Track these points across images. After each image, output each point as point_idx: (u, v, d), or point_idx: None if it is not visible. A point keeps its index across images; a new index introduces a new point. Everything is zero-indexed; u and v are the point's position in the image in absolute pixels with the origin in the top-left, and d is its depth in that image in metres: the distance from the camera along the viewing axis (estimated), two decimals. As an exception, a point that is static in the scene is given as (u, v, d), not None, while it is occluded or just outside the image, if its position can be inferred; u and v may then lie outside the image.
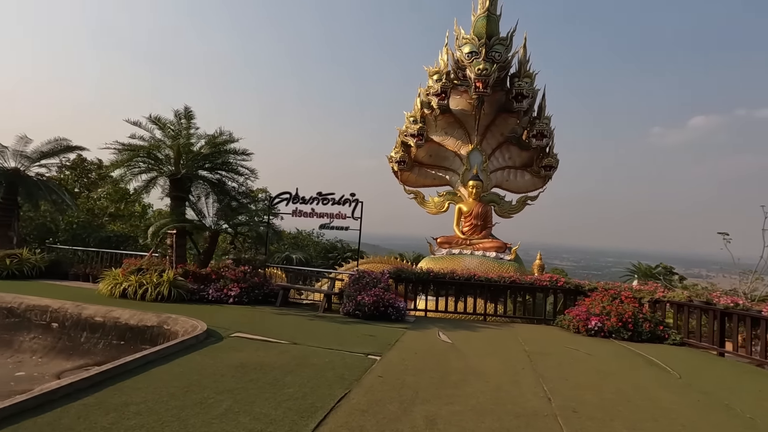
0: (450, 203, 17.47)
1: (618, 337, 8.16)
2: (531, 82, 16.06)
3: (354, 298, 8.69)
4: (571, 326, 8.62)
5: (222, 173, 9.95)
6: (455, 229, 16.79)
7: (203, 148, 9.56)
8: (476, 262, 15.06)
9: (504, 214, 17.54)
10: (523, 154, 17.47)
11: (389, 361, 5.93)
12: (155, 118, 9.45)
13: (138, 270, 9.09)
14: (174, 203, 9.66)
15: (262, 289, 9.53)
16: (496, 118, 17.11)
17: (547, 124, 16.46)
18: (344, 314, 8.85)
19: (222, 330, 6.68)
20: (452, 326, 8.67)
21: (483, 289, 9.58)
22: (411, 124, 17.13)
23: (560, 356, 6.86)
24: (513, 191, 17.99)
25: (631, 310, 8.23)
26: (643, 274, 20.39)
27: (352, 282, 9.02)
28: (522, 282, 9.42)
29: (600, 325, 8.25)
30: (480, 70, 15.03)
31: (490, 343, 7.49)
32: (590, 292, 9.07)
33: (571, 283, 9.36)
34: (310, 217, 10.16)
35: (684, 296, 8.08)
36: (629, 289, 8.69)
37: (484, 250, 15.71)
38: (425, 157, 18.02)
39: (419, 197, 18.09)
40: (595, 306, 8.55)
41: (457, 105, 16.85)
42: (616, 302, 8.54)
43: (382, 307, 8.59)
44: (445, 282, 9.66)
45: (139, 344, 6.51)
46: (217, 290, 9.17)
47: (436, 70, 16.59)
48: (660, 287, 8.70)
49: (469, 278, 9.58)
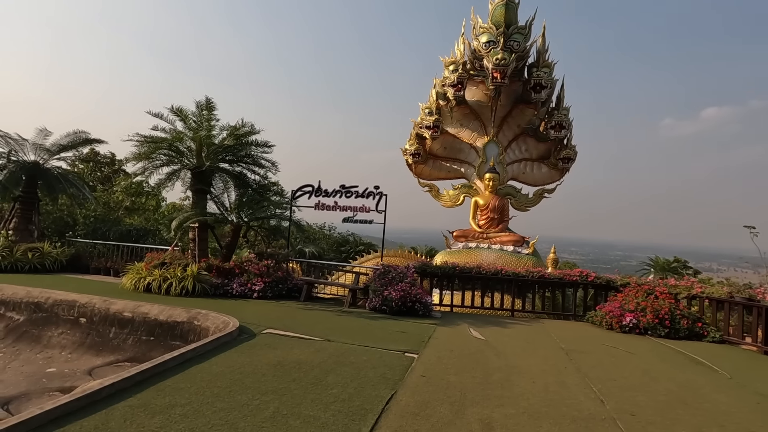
0: (465, 196, 17.17)
1: (654, 334, 7.90)
2: (550, 72, 15.65)
3: (380, 293, 8.47)
4: (603, 322, 8.36)
5: (244, 165, 9.71)
6: (471, 222, 16.52)
7: (225, 139, 9.30)
8: (494, 256, 14.80)
9: (521, 207, 17.23)
10: (540, 146, 17.11)
11: (427, 359, 5.71)
12: (177, 109, 9.19)
13: (161, 264, 8.91)
14: (196, 196, 9.43)
15: (285, 283, 9.33)
16: (513, 110, 16.74)
17: (565, 115, 16.06)
18: (370, 309, 8.64)
19: (253, 326, 6.48)
20: (481, 322, 8.45)
21: (510, 284, 9.34)
22: (426, 115, 16.80)
23: (600, 354, 6.62)
24: (530, 184, 17.65)
25: (668, 306, 7.95)
26: (660, 268, 20.03)
27: (378, 276, 8.80)
28: (551, 277, 9.16)
29: (635, 322, 7.99)
30: (498, 59, 14.65)
31: (524, 340, 7.25)
32: (622, 287, 8.80)
33: (602, 278, 9.08)
34: (333, 211, 9.93)
35: (724, 292, 7.79)
36: (664, 284, 8.41)
37: (502, 243, 15.44)
38: (440, 149, 17.70)
39: (434, 190, 17.81)
40: (629, 302, 8.28)
41: (473, 96, 16.49)
42: (650, 298, 8.27)
43: (409, 302, 8.36)
44: (471, 277, 9.41)
45: (169, 340, 6.34)
46: (241, 285, 8.98)
47: (452, 60, 16.21)
48: (696, 282, 8.41)
49: (496, 273, 9.33)
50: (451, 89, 15.94)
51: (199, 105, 9.43)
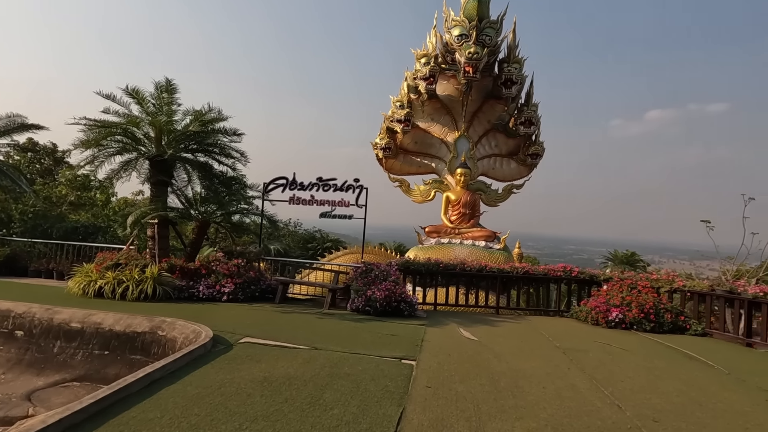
0: (436, 191, 16.84)
1: (640, 328, 7.79)
2: (520, 67, 15.56)
3: (363, 292, 7.84)
4: (589, 318, 8.18)
5: (210, 155, 8.69)
6: (443, 218, 16.20)
7: (189, 126, 8.27)
8: (466, 251, 14.56)
9: (490, 202, 17.11)
10: (509, 141, 17.04)
11: (427, 366, 5.16)
12: (132, 90, 8.00)
13: (115, 265, 7.80)
14: (155, 189, 8.34)
15: (258, 284, 8.48)
16: (483, 105, 16.54)
17: (534, 111, 16.06)
18: (352, 310, 7.99)
19: (228, 335, 5.67)
20: (468, 321, 8.02)
21: (494, 280, 9.00)
22: (397, 108, 16.26)
23: (597, 353, 6.35)
24: (499, 179, 17.56)
25: (652, 300, 7.87)
26: (619, 261, 20.65)
27: (360, 275, 8.16)
28: (535, 272, 8.90)
29: (621, 317, 7.85)
30: (471, 53, 14.35)
31: (517, 339, 6.88)
32: (605, 282, 8.68)
33: (586, 273, 8.93)
34: (309, 205, 9.16)
35: (705, 285, 7.81)
36: (646, 278, 8.36)
37: (474, 239, 15.23)
38: (411, 144, 17.24)
39: (404, 185, 17.34)
40: (614, 297, 8.14)
41: (444, 90, 16.12)
42: (634, 292, 8.17)
43: (394, 302, 7.80)
44: (455, 273, 8.99)
45: (128, 354, 5.40)
46: (209, 287, 8.03)
47: (424, 53, 15.75)
48: (677, 276, 8.43)
49: (480, 269, 8.95)
50: (422, 82, 15.49)
51: (158, 86, 8.31)
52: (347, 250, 18.40)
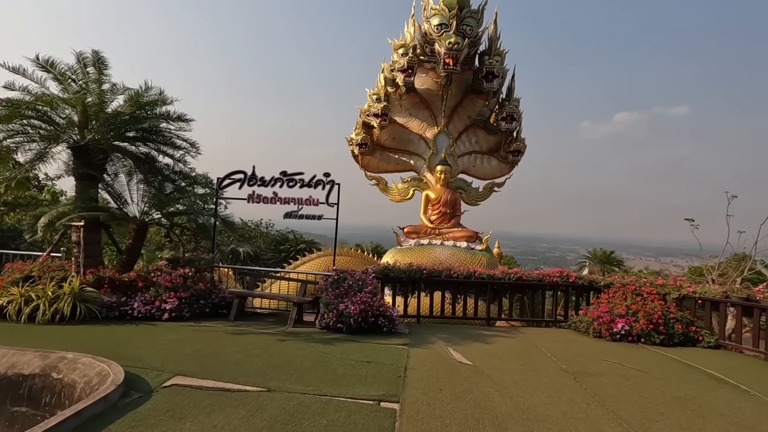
0: (415, 190, 15.60)
1: (648, 341, 6.74)
2: (501, 60, 14.46)
3: (335, 306, 6.48)
4: (590, 330, 7.08)
5: (152, 145, 7.11)
6: (422, 217, 14.98)
7: (122, 107, 6.67)
8: (447, 252, 13.40)
9: (471, 201, 16.00)
10: (490, 138, 15.97)
11: (414, 411, 3.85)
12: (46, 61, 6.34)
13: (26, 278, 6.18)
14: (80, 184, 6.68)
15: (209, 298, 6.99)
16: (464, 100, 15.40)
17: (516, 107, 15.01)
18: (321, 328, 6.62)
19: (152, 374, 4.19)
20: (457, 336, 6.77)
21: (484, 287, 7.80)
22: (374, 102, 14.94)
23: (612, 377, 5.19)
24: (480, 177, 16.47)
25: (660, 309, 6.83)
26: (598, 260, 19.94)
27: (331, 286, 6.80)
28: (529, 278, 7.75)
29: (627, 328, 6.78)
30: (451, 43, 13.15)
31: (516, 362, 5.66)
32: (605, 288, 7.62)
33: (584, 278, 7.84)
34: (272, 203, 7.70)
35: (717, 292, 6.83)
36: (651, 284, 7.34)
37: (455, 239, 14.07)
38: (388, 140, 15.94)
39: (382, 183, 16.02)
40: (618, 305, 7.07)
41: (422, 84, 14.89)
42: (639, 300, 7.13)
43: (371, 317, 6.47)
44: (441, 281, 7.74)
45: (9, 406, 3.87)
46: (146, 303, 6.47)
47: (401, 43, 14.48)
48: (684, 280, 7.46)
49: (468, 276, 7.73)
50: (400, 74, 14.20)
51: (81, 59, 6.66)
52: (321, 252, 16.98)
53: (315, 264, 16.51)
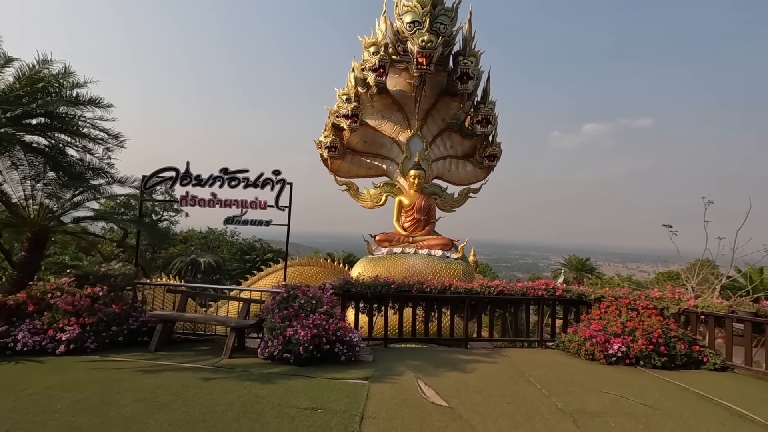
0: (388, 196, 14.41)
1: (648, 364, 5.69)
2: (476, 61, 13.55)
3: (281, 332, 5.17)
4: (582, 351, 5.99)
5: (58, 135, 5.66)
6: (395, 224, 13.80)
7: (15, 86, 5.22)
8: (422, 262, 12.28)
9: (446, 207, 14.93)
10: (465, 142, 15.00)
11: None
12: None
13: None
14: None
15: (125, 323, 5.55)
16: (438, 102, 14.40)
17: (491, 109, 14.12)
18: (265, 358, 5.28)
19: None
20: (431, 364, 5.53)
21: (461, 303, 6.61)
22: (344, 103, 13.76)
23: (617, 417, 4.05)
24: (455, 183, 15.46)
25: (659, 326, 5.81)
26: (574, 267, 19.17)
27: (278, 306, 5.48)
28: (512, 292, 6.61)
29: (624, 350, 5.71)
30: (424, 42, 12.14)
31: (501, 397, 4.47)
32: (596, 302, 6.58)
33: (572, 291, 6.77)
34: (210, 206, 6.29)
35: (722, 306, 5.87)
36: (646, 297, 6.34)
37: (429, 248, 12.93)
38: (359, 143, 14.76)
39: (353, 189, 14.77)
40: (613, 322, 6.01)
41: (395, 85, 13.83)
42: (633, 315, 6.10)
43: (326, 343, 5.19)
44: (412, 296, 6.52)
45: None
46: (35, 332, 4.96)
47: (372, 41, 13.38)
48: (683, 292, 6.50)
49: (443, 289, 6.54)
50: (371, 74, 13.09)
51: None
52: (289, 262, 15.53)
53: (278, 276, 15.05)
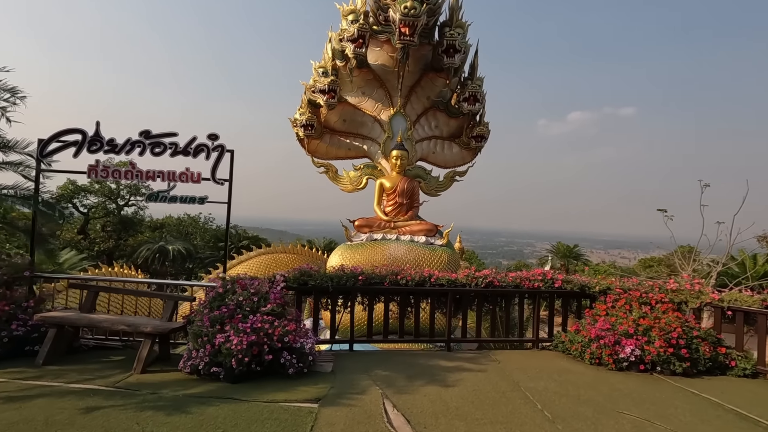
0: (369, 178, 13.12)
1: (666, 370, 4.59)
2: (464, 33, 12.18)
3: (209, 339, 3.92)
4: (587, 354, 4.86)
5: None
6: (376, 209, 12.54)
7: None
8: (404, 248, 11.08)
9: (431, 191, 13.68)
10: (451, 122, 13.70)
11: None
12: None
13: None
14: None
15: (4, 329, 4.21)
16: (422, 78, 13.04)
17: (479, 86, 12.78)
18: (189, 372, 4.03)
19: None
20: (403, 374, 4.34)
21: (443, 297, 5.41)
22: (320, 76, 12.33)
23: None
24: (440, 165, 14.19)
25: (678, 324, 4.70)
26: (562, 255, 18.18)
27: (210, 304, 4.21)
28: (503, 284, 5.40)
29: (638, 353, 4.60)
30: (407, 8, 10.74)
31: (491, 425, 3.29)
32: (601, 294, 5.45)
33: (574, 282, 5.60)
34: (127, 179, 4.93)
35: (755, 300, 4.78)
36: (660, 289, 5.22)
37: (412, 234, 11.73)
38: (338, 122, 13.38)
39: (331, 171, 13.41)
40: (623, 319, 4.89)
41: (376, 59, 12.42)
42: (646, 310, 4.98)
43: (269, 352, 3.95)
44: (384, 290, 5.29)
45: None
46: None
47: (351, 8, 11.92)
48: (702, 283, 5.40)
49: (423, 281, 5.30)
50: (350, 45, 11.64)
51: None
52: (262, 250, 14.22)
53: (250, 266, 13.73)
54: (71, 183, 15.37)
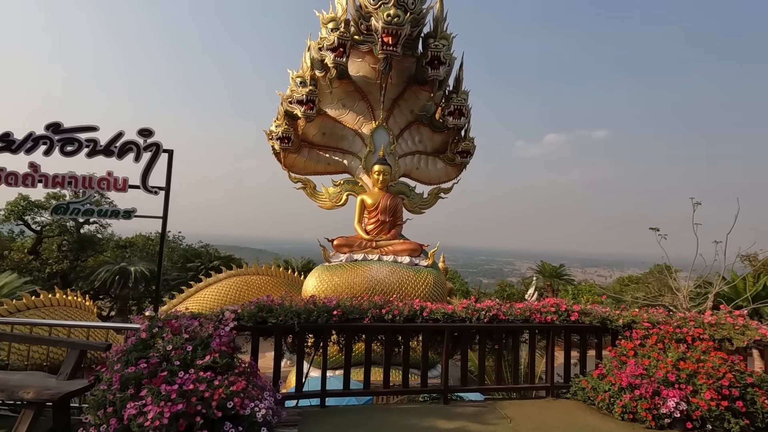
0: (349, 194, 12.09)
1: (719, 427, 3.60)
2: (448, 45, 11.52)
3: (117, 409, 2.72)
4: (616, 407, 3.84)
5: None
6: (357, 227, 11.47)
7: None
8: (386, 270, 10.03)
9: (415, 209, 12.73)
10: (435, 137, 12.92)
11: None
12: None
13: None
14: None
15: None
16: (406, 91, 12.26)
17: (464, 100, 12.08)
18: (89, 456, 2.80)
19: None
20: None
21: (439, 335, 4.29)
22: (298, 86, 11.38)
23: None
24: (424, 182, 13.31)
25: (727, 369, 3.75)
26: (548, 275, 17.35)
27: (126, 356, 3.00)
28: (510, 317, 4.33)
29: (684, 407, 3.60)
30: (390, 16, 10.00)
31: None
32: (626, 329, 4.44)
33: (592, 314, 4.57)
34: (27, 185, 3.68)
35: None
36: (696, 323, 4.25)
37: (395, 254, 10.69)
38: (317, 135, 12.39)
39: (309, 187, 12.32)
40: (659, 362, 3.90)
41: (358, 70, 11.59)
42: (683, 348, 4.02)
43: (201, 426, 2.76)
44: (363, 328, 4.13)
45: None
46: None
47: (332, 16, 11.11)
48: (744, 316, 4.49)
49: (412, 315, 4.18)
50: (330, 53, 10.78)
51: None
52: (233, 271, 12.83)
53: (218, 290, 12.32)
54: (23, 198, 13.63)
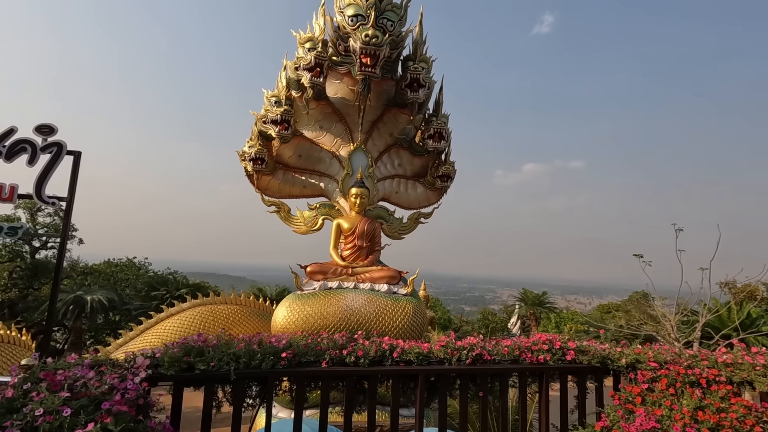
0: (325, 218, 11.40)
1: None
2: (428, 68, 11.28)
3: None
4: (629, 472, 3.11)
5: None
6: (332, 253, 10.73)
7: None
8: (363, 299, 9.27)
9: (394, 234, 12.11)
10: (415, 160, 12.51)
11: None
12: None
13: None
14: None
15: None
16: (385, 114, 11.90)
17: (445, 124, 11.77)
18: None
19: None
20: None
21: (412, 381, 3.49)
22: (273, 106, 10.89)
23: None
24: (403, 206, 12.78)
25: (754, 420, 3.09)
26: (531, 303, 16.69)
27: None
28: (496, 358, 3.57)
29: (708, 472, 2.89)
30: (368, 36, 9.71)
31: None
32: (628, 369, 3.77)
33: (591, 352, 3.87)
34: None
35: None
36: (710, 362, 3.61)
37: (372, 281, 9.96)
38: (293, 157, 11.81)
39: (283, 210, 11.60)
40: (674, 413, 3.22)
41: (336, 92, 11.19)
42: (698, 394, 3.36)
43: None
44: (320, 374, 3.31)
45: None
46: None
47: (309, 36, 10.76)
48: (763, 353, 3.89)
49: (381, 357, 3.35)
50: (306, 73, 10.37)
51: None
52: (198, 300, 11.76)
53: (181, 321, 11.21)
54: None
